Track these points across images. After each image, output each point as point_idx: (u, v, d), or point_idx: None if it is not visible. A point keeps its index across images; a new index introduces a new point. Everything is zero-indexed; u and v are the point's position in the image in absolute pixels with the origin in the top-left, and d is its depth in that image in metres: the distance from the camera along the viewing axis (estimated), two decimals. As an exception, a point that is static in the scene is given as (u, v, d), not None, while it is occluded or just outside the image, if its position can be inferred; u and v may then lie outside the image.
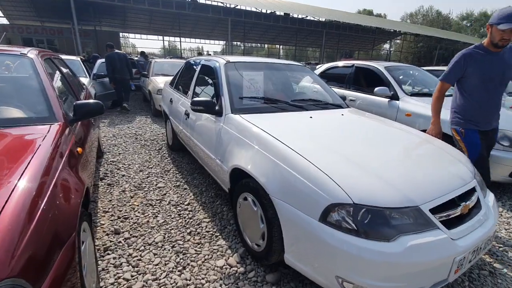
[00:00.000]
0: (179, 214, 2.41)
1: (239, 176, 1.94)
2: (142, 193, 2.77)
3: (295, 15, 20.67)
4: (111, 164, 3.48)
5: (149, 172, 3.27)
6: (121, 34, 26.47)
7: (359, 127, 2.17)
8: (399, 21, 40.99)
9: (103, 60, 7.00)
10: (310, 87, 3.17)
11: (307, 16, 20.68)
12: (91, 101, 1.95)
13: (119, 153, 3.87)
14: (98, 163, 3.48)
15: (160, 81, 6.00)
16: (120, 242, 2.02)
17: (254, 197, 1.74)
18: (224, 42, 30.70)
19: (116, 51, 6.62)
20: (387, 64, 4.36)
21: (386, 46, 39.08)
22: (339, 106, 2.71)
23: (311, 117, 2.20)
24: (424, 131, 2.40)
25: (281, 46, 35.08)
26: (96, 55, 10.93)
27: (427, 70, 5.22)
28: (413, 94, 3.88)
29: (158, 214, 2.41)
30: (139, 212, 2.42)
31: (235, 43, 30.03)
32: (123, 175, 3.16)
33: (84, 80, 5.67)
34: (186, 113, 3.03)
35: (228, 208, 2.54)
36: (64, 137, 1.66)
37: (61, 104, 1.84)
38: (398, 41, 36.36)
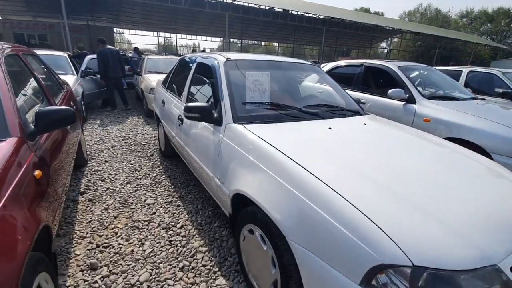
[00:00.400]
0: (170, 241, 2.03)
1: (243, 200, 1.56)
2: (128, 212, 2.38)
3: (295, 12, 20.20)
4: (95, 174, 3.08)
5: (138, 184, 2.88)
6: (115, 29, 25.76)
7: (393, 143, 1.74)
8: (398, 19, 40.64)
9: (93, 56, 6.56)
10: (314, 87, 2.79)
11: (307, 13, 20.23)
12: (59, 107, 1.56)
13: (105, 161, 3.47)
14: (80, 172, 3.08)
15: (153, 80, 5.59)
16: (96, 282, 1.64)
17: (263, 233, 1.38)
18: (221, 39, 30.13)
19: (108, 46, 6.18)
20: (401, 64, 4.00)
21: (383, 45, 38.79)
22: (357, 113, 2.34)
23: (330, 128, 1.81)
24: (447, 139, 2.04)
25: (278, 44, 34.55)
26: (85, 52, 10.39)
27: (440, 70, 4.87)
28: (431, 97, 3.52)
29: (145, 240, 2.03)
30: (122, 238, 2.04)
31: (232, 40, 29.40)
32: (108, 188, 2.77)
33: (71, 77, 5.24)
34: (179, 118, 2.64)
35: (228, 232, 2.17)
36: (18, 158, 1.27)
37: (18, 113, 1.45)
38: (395, 39, 35.96)
